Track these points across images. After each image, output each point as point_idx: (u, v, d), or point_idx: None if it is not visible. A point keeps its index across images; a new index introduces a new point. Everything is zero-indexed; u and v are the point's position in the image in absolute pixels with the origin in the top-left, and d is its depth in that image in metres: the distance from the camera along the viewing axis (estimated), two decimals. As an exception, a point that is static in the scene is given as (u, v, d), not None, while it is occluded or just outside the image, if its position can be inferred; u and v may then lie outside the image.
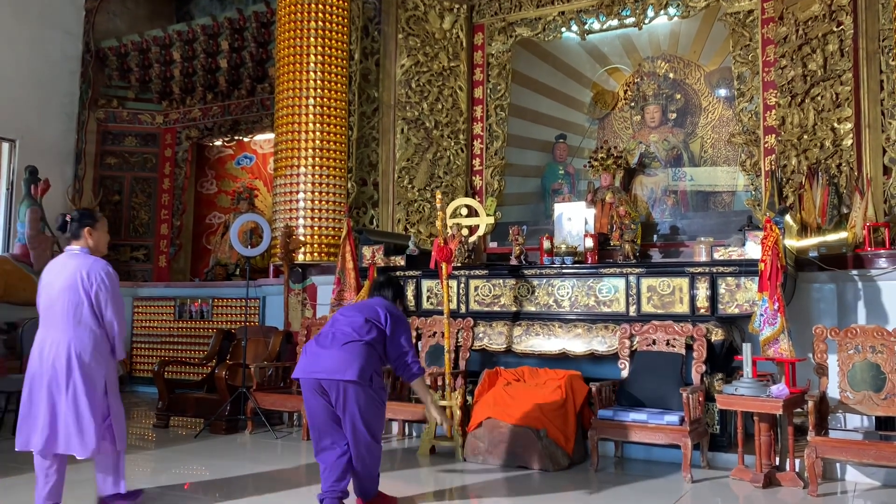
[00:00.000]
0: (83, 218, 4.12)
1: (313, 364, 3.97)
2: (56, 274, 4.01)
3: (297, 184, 7.82)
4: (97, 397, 3.96)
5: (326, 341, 4.03)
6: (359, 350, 3.96)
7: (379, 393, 4.05)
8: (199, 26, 10.43)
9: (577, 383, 5.59)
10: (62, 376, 3.89)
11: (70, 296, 3.93)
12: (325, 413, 3.98)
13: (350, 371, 3.87)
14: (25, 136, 9.98)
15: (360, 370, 3.89)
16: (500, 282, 6.46)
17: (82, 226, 4.08)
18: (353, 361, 3.91)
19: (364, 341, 3.98)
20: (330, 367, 3.91)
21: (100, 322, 4.00)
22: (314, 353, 4.00)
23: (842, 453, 4.49)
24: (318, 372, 3.92)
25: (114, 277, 4.08)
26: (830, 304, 6.03)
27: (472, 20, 8.87)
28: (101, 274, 3.99)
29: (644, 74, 8.19)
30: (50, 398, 3.91)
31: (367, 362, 3.94)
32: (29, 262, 9.03)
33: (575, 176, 8.47)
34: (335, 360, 3.92)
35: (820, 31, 6.67)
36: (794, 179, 6.78)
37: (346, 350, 3.95)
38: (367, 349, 3.98)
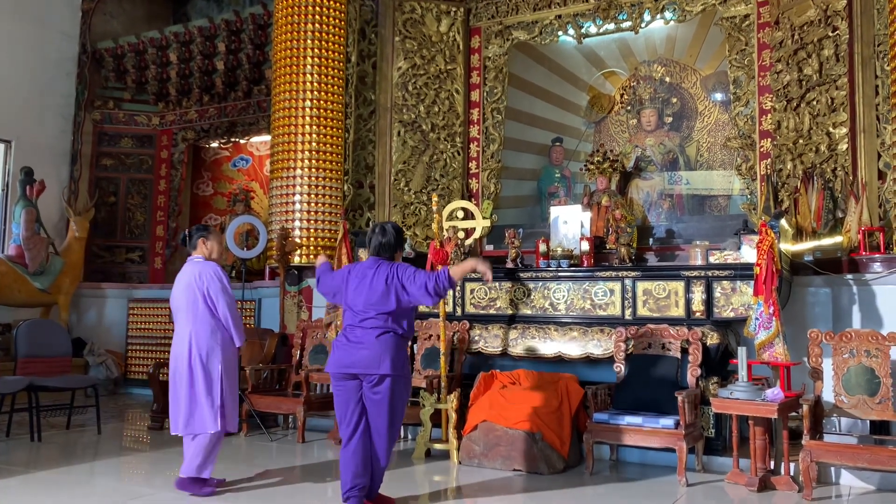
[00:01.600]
0: (198, 231, 4.81)
1: (346, 357, 4.05)
2: (179, 280, 4.71)
3: (294, 186, 7.82)
4: (212, 382, 4.54)
5: (356, 333, 4.08)
6: (390, 343, 4.03)
7: (406, 383, 4.17)
8: (196, 28, 10.43)
9: (573, 386, 5.59)
10: (184, 366, 4.54)
11: (188, 295, 4.60)
12: (351, 403, 4.07)
13: (384, 364, 3.98)
14: (21, 137, 9.96)
15: (392, 362, 3.98)
16: (495, 285, 6.46)
17: (198, 237, 4.76)
18: (384, 354, 3.99)
19: (395, 333, 4.06)
20: (363, 361, 4.01)
21: (214, 315, 4.60)
22: (345, 347, 4.08)
23: (837, 457, 4.50)
24: (353, 366, 4.02)
25: (223, 275, 4.66)
26: (825, 308, 6.05)
27: (469, 23, 8.88)
28: (211, 273, 4.61)
29: (640, 78, 8.20)
30: (178, 386, 4.57)
31: (397, 353, 4.03)
32: (24, 264, 9.01)
33: (571, 179, 8.48)
34: (368, 354, 4.01)
35: (815, 36, 6.69)
36: (789, 183, 6.79)
37: (379, 343, 4.02)
38: (398, 340, 4.07)
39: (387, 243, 4.19)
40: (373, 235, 4.24)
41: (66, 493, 4.60)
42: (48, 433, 6.48)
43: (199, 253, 4.76)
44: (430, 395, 5.76)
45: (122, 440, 6.52)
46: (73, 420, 6.94)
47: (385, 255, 4.19)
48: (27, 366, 6.44)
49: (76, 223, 9.73)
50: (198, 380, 4.53)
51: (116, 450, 6.08)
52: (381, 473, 4.21)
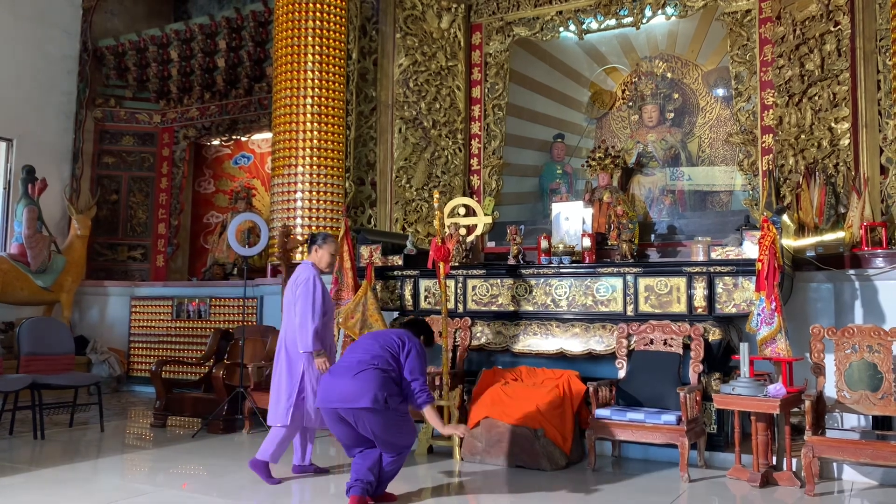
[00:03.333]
0: (313, 239, 5.19)
1: (328, 393, 4.16)
2: (290, 279, 5.07)
3: (295, 183, 7.82)
4: (292, 378, 4.86)
5: (341, 370, 4.19)
6: (372, 376, 4.09)
7: (397, 412, 4.17)
8: (197, 25, 10.42)
9: (575, 383, 5.59)
10: (276, 360, 4.99)
11: (288, 295, 4.98)
12: (350, 434, 4.21)
13: (364, 398, 4.01)
14: (23, 136, 9.97)
15: (374, 397, 4.01)
16: (497, 281, 6.45)
17: (313, 244, 5.14)
18: (367, 389, 4.04)
19: (378, 368, 4.13)
20: (344, 396, 4.09)
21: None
22: (328, 383, 4.20)
23: (839, 453, 4.50)
24: (334, 401, 4.11)
25: (315, 282, 4.89)
26: (827, 303, 6.04)
27: (470, 20, 8.87)
28: (305, 276, 4.90)
29: (642, 74, 8.19)
30: (273, 378, 5.01)
31: (380, 388, 4.05)
32: (26, 262, 9.02)
33: (573, 175, 8.47)
34: (349, 389, 4.08)
35: (817, 31, 6.68)
36: (791, 179, 6.79)
37: (359, 378, 4.09)
38: (381, 375, 4.11)
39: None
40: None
41: (69, 490, 4.61)
42: (51, 431, 6.49)
43: (311, 258, 5.12)
44: (433, 391, 5.76)
45: (125, 438, 6.53)
46: (76, 418, 6.95)
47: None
48: (30, 364, 6.44)
49: (78, 221, 9.74)
50: (281, 375, 4.89)
51: (119, 447, 6.09)
52: (389, 478, 4.30)
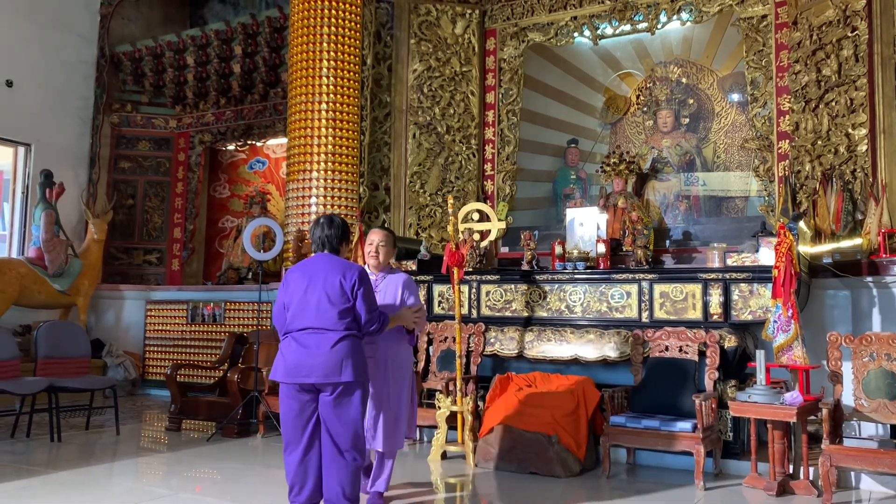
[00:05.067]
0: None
1: (300, 366, 3.66)
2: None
3: (310, 188, 7.85)
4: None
5: (310, 339, 3.67)
6: (351, 347, 3.68)
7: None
8: (213, 31, 10.50)
9: (589, 389, 5.57)
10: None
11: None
12: (301, 416, 3.74)
13: (346, 371, 3.63)
14: (41, 141, 10.07)
15: (355, 368, 3.66)
16: (511, 287, 6.45)
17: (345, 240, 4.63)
18: (347, 359, 3.65)
19: (352, 334, 3.70)
20: (321, 368, 3.63)
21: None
22: (296, 352, 3.69)
23: (856, 462, 4.45)
24: (309, 375, 3.63)
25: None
26: (845, 310, 5.99)
27: (485, 25, 8.88)
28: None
29: (657, 79, 8.17)
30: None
31: (358, 357, 3.71)
32: (43, 265, 9.10)
33: (587, 181, 8.45)
34: (326, 360, 3.64)
35: (834, 37, 6.63)
36: (807, 185, 6.74)
37: (337, 350, 3.64)
38: (356, 343, 3.73)
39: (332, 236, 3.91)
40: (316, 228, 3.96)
41: (85, 493, 4.64)
42: (67, 434, 6.54)
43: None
44: (446, 397, 5.76)
45: (141, 441, 6.57)
46: (92, 421, 7.00)
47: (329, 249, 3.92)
48: (47, 367, 6.50)
49: (95, 225, 9.82)
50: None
51: (135, 450, 6.13)
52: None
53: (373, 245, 4.37)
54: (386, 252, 4.38)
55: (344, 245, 3.96)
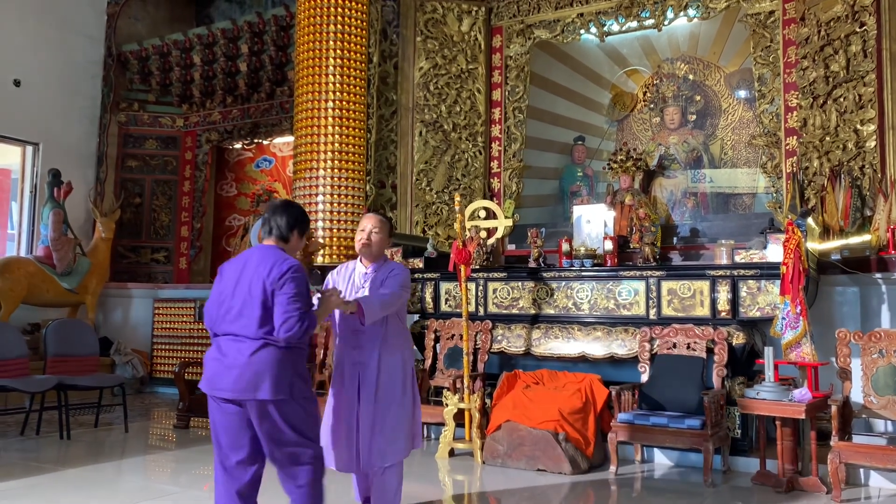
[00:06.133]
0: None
1: (216, 378, 3.17)
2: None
3: (316, 186, 7.86)
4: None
5: (229, 347, 3.16)
6: (271, 359, 3.11)
7: (303, 403, 3.21)
8: (220, 30, 10.51)
9: (597, 387, 5.57)
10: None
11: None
12: (230, 432, 3.24)
13: (263, 388, 3.08)
14: (49, 140, 10.10)
15: (276, 384, 3.09)
16: (518, 284, 6.45)
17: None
18: (265, 374, 3.09)
19: (274, 343, 3.12)
20: (234, 383, 3.10)
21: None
22: (214, 360, 3.20)
23: (866, 459, 4.44)
24: (224, 390, 3.13)
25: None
26: (853, 307, 5.97)
27: (491, 23, 8.87)
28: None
29: (663, 76, 8.15)
30: None
31: (281, 370, 3.12)
32: (52, 264, 9.13)
33: (594, 178, 8.44)
34: (241, 374, 3.11)
35: (842, 32, 6.60)
36: (815, 182, 6.71)
37: (254, 361, 3.10)
38: (280, 354, 3.14)
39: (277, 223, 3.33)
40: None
41: (94, 490, 4.66)
42: (77, 431, 6.57)
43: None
44: (454, 394, 5.76)
45: (149, 438, 6.60)
46: (101, 418, 7.03)
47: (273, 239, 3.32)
48: (56, 365, 6.53)
49: (102, 224, 9.86)
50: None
51: (143, 448, 6.15)
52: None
53: (364, 231, 3.75)
54: (380, 240, 3.77)
55: (295, 235, 3.34)
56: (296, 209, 3.41)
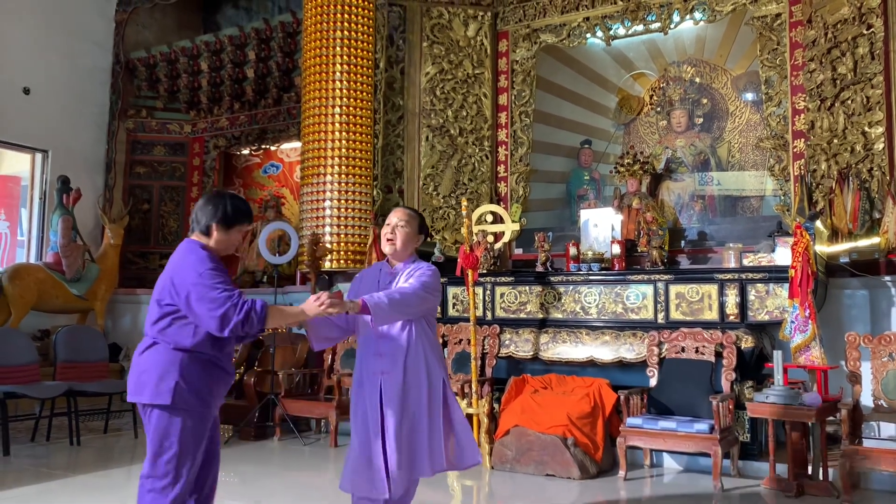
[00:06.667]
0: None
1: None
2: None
3: (324, 192, 7.88)
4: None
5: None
6: (156, 358, 2.85)
7: (184, 417, 2.84)
8: (227, 37, 10.55)
9: (606, 391, 5.57)
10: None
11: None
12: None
13: (145, 390, 2.83)
14: (58, 147, 10.16)
15: (156, 387, 2.81)
16: (526, 289, 6.45)
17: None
18: (149, 374, 2.84)
19: (163, 341, 2.85)
20: (129, 384, 2.93)
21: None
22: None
23: (876, 462, 4.42)
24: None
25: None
26: (863, 310, 5.94)
27: (497, 27, 8.88)
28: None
29: (670, 79, 8.14)
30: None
31: (165, 372, 2.82)
32: (61, 270, 9.17)
33: (601, 182, 8.43)
34: (132, 374, 2.92)
35: (850, 35, 6.59)
36: (823, 184, 6.69)
37: (140, 361, 2.89)
38: (168, 354, 2.84)
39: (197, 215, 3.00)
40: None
41: (104, 496, 4.68)
42: (86, 437, 6.60)
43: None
44: (462, 399, 5.76)
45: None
46: (111, 424, 7.06)
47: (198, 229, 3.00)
48: (66, 371, 6.57)
49: (111, 230, 9.90)
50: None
51: (153, 454, 6.16)
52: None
53: (389, 225, 3.38)
54: (406, 235, 3.36)
55: (219, 228, 2.95)
56: (221, 202, 2.98)
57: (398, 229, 3.37)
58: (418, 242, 3.46)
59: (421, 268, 3.35)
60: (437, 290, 3.35)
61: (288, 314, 3.02)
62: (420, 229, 3.46)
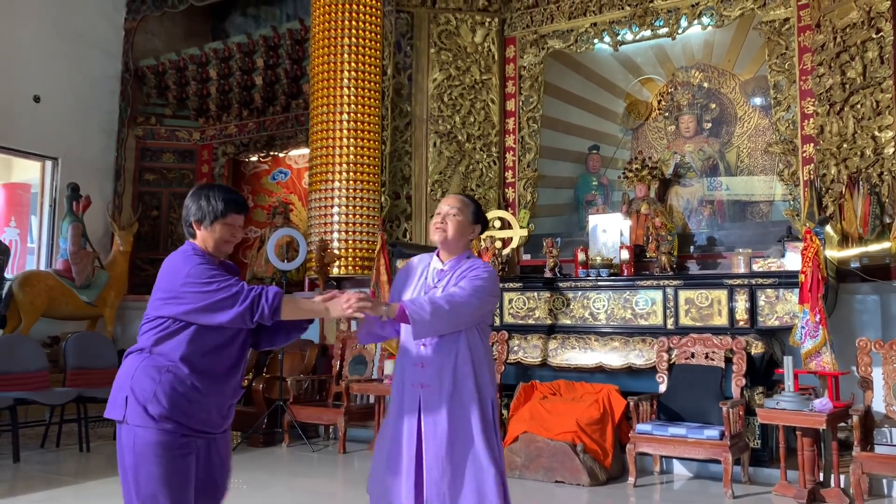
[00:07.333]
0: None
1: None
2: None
3: (332, 198, 7.90)
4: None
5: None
6: (131, 368, 2.53)
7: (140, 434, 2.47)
8: (235, 44, 10.60)
9: (615, 397, 5.55)
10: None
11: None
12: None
13: (115, 404, 2.52)
14: (67, 154, 10.21)
15: (126, 401, 2.49)
16: (534, 294, 6.43)
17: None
18: (122, 386, 2.52)
19: (139, 349, 2.55)
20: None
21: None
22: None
23: (889, 469, 4.39)
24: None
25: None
26: (874, 315, 5.91)
27: (504, 33, 8.89)
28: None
29: (678, 84, 8.12)
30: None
31: (140, 383, 2.47)
32: (71, 277, 9.21)
33: (609, 187, 8.41)
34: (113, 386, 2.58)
35: (858, 39, 6.56)
36: (833, 189, 6.66)
37: (119, 373, 2.57)
38: (144, 363, 2.51)
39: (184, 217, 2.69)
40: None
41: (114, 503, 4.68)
42: (96, 444, 6.61)
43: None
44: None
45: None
46: (120, 431, 7.07)
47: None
48: (76, 377, 6.59)
49: (120, 237, 9.94)
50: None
51: (162, 460, 6.17)
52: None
53: (440, 214, 2.91)
54: (459, 225, 2.87)
55: (201, 225, 2.64)
56: (198, 195, 2.65)
57: (449, 218, 2.88)
58: (474, 233, 2.96)
59: (476, 267, 2.83)
60: (493, 295, 2.85)
61: (305, 308, 2.61)
62: (475, 218, 2.93)
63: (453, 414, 2.73)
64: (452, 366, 2.75)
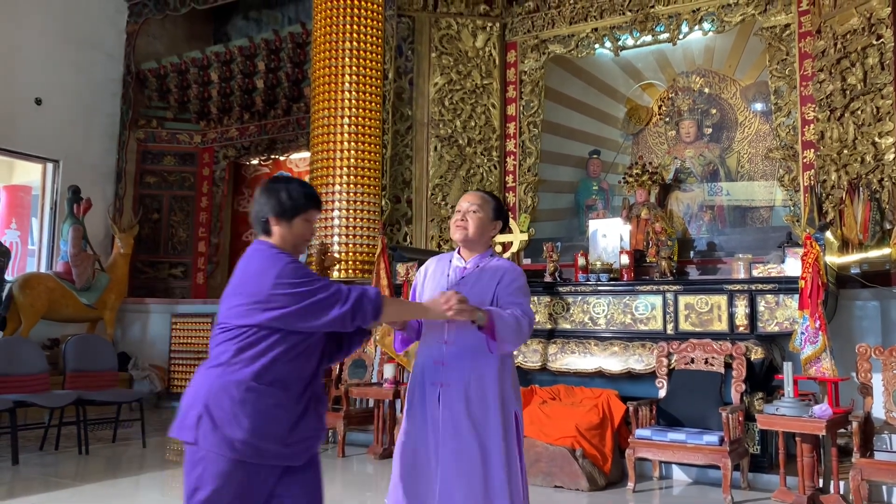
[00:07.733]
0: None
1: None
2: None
3: (332, 202, 7.90)
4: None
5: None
6: (206, 386, 2.33)
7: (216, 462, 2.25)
8: (236, 47, 10.63)
9: (614, 402, 5.54)
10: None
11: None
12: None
13: (185, 425, 2.30)
14: (69, 157, 10.23)
15: (198, 422, 2.27)
16: (534, 299, 6.43)
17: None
18: (193, 406, 2.31)
19: (219, 365, 2.35)
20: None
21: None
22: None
23: (888, 475, 4.38)
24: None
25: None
26: (874, 321, 5.90)
27: (505, 38, 8.92)
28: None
29: (679, 89, 8.14)
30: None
31: (217, 403, 2.27)
32: (71, 280, 9.22)
33: (609, 192, 8.42)
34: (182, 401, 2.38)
35: (859, 45, 6.57)
36: (833, 195, 6.67)
37: (189, 391, 2.38)
38: (222, 381, 2.31)
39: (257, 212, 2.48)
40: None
41: (113, 506, 4.69)
42: (95, 446, 6.61)
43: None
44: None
45: (166, 453, 6.62)
46: (119, 433, 7.07)
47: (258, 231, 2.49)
48: (75, 380, 6.58)
49: (121, 240, 9.95)
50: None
51: (160, 463, 6.18)
52: None
53: (460, 211, 2.81)
54: (480, 221, 2.77)
55: (279, 221, 2.43)
56: (276, 190, 2.46)
57: (470, 215, 2.78)
58: (495, 230, 2.85)
59: (504, 270, 2.74)
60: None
61: (406, 308, 2.56)
62: (496, 214, 2.83)
63: (474, 416, 2.63)
64: (471, 367, 2.66)
